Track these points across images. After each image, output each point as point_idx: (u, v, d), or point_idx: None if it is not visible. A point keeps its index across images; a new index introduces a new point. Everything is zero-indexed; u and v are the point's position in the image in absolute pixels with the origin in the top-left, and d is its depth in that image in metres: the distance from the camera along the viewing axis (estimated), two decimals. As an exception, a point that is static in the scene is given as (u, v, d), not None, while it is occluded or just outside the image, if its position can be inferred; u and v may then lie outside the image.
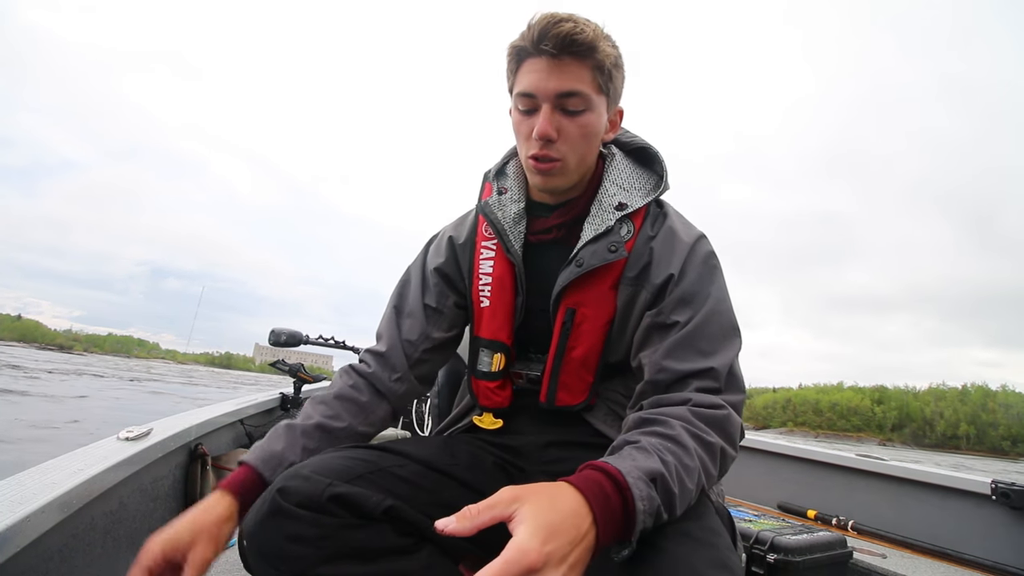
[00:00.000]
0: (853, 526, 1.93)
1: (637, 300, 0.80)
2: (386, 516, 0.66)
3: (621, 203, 0.82)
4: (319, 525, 0.62)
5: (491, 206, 0.86)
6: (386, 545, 0.66)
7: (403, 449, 0.77)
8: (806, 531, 1.40)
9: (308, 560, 0.61)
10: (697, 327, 0.75)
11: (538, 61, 0.74)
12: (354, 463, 0.70)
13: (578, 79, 0.74)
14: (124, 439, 1.19)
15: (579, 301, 0.81)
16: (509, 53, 0.78)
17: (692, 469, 0.62)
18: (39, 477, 0.88)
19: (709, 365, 0.72)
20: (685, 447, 0.63)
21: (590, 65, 0.74)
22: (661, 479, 0.57)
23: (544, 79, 0.74)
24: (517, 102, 0.79)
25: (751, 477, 2.40)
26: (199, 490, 1.51)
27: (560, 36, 0.71)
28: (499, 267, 0.87)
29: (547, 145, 0.76)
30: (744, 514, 1.62)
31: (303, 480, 0.64)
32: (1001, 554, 1.63)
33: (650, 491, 0.55)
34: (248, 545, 0.64)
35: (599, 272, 0.80)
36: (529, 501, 0.50)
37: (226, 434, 1.91)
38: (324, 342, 2.76)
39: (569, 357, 0.83)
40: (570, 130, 0.76)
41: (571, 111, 0.76)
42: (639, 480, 0.55)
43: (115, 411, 9.98)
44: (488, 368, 0.88)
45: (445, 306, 0.92)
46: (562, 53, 0.73)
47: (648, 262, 0.80)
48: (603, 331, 0.82)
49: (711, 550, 0.60)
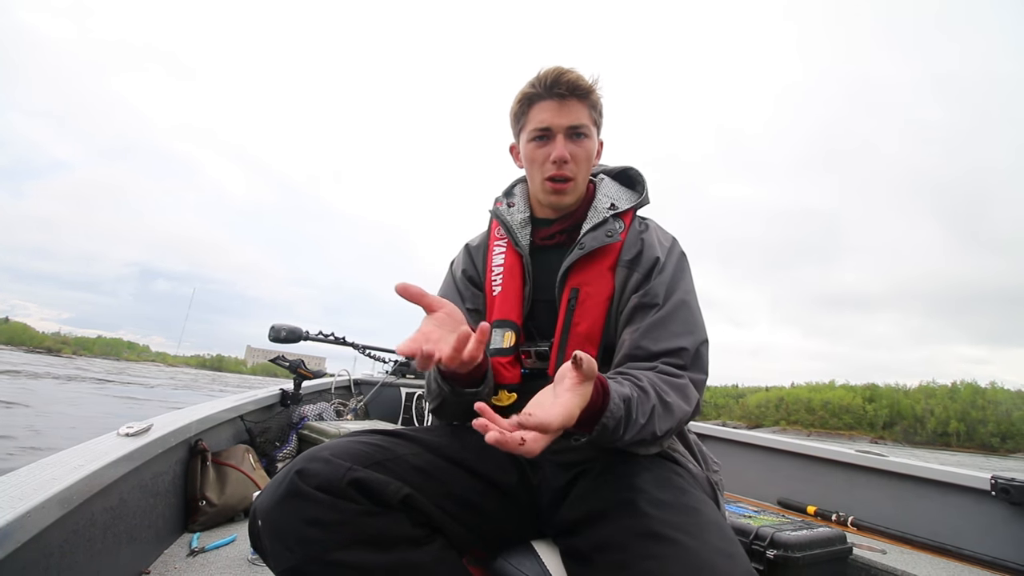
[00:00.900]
0: (853, 522, 1.94)
1: (630, 280, 0.93)
2: (403, 505, 0.67)
3: (613, 204, 1.00)
4: (338, 510, 0.63)
5: (501, 211, 1.05)
6: (401, 535, 0.67)
7: (416, 436, 0.80)
8: (806, 527, 1.40)
9: (324, 545, 0.62)
10: (671, 312, 0.89)
11: (550, 103, 0.95)
12: (371, 449, 0.71)
13: (581, 115, 0.96)
14: (124, 435, 1.19)
15: (582, 281, 0.94)
16: (520, 99, 0.98)
17: (647, 408, 0.75)
18: (39, 473, 0.88)
19: (680, 345, 0.86)
20: (645, 391, 0.77)
21: (587, 105, 0.96)
22: (627, 402, 0.72)
23: (557, 116, 0.95)
24: (532, 135, 0.97)
25: (751, 473, 2.41)
26: (199, 486, 1.52)
27: (568, 82, 0.93)
28: (509, 259, 1.01)
29: (563, 166, 0.95)
30: (744, 510, 1.62)
31: (323, 463, 0.65)
32: (1001, 550, 1.63)
33: (619, 405, 0.70)
34: (263, 525, 0.64)
35: (598, 254, 0.94)
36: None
37: (226, 430, 1.91)
38: (324, 338, 2.76)
39: (575, 332, 0.92)
40: (579, 153, 0.96)
41: (577, 138, 0.96)
42: (616, 396, 0.70)
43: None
44: (500, 344, 0.96)
45: (479, 305, 1.03)
46: (569, 95, 0.94)
47: (640, 250, 0.95)
48: (604, 307, 0.93)
49: (719, 543, 0.63)
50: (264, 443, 2.16)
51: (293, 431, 2.22)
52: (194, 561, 1.29)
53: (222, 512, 1.55)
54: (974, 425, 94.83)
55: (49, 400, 11.71)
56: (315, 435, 2.08)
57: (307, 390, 2.63)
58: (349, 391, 3.08)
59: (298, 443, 2.17)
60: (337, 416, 2.60)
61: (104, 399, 14.33)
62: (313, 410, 2.41)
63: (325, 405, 2.52)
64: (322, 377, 2.94)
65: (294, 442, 2.17)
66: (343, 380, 3.09)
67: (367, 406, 2.90)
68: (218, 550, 1.38)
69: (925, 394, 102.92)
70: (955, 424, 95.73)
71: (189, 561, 1.29)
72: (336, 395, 2.92)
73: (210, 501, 1.52)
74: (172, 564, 1.26)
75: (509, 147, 1.07)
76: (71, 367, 35.32)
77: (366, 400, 2.91)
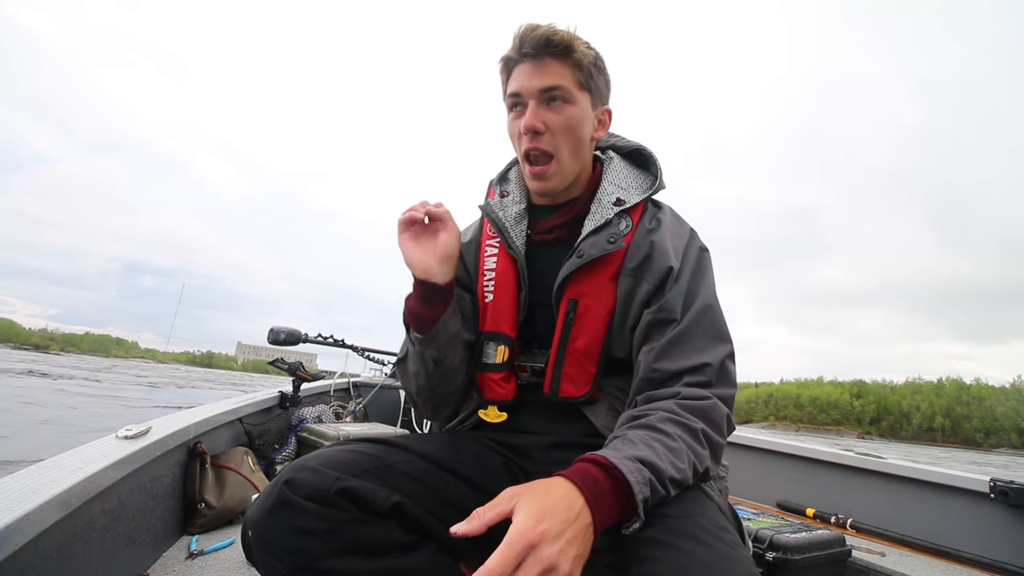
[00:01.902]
0: (852, 524, 1.94)
1: (637, 291, 0.83)
2: (393, 512, 0.67)
3: (619, 199, 0.87)
4: (326, 519, 0.62)
5: (492, 206, 0.92)
6: (391, 541, 0.66)
7: (408, 445, 0.78)
8: (805, 529, 1.40)
9: (314, 554, 0.61)
10: (691, 324, 0.79)
11: (523, 65, 0.83)
12: (360, 457, 0.70)
13: (559, 75, 0.82)
14: (123, 437, 1.19)
15: (581, 292, 0.85)
16: (500, 68, 0.87)
17: (678, 450, 0.66)
18: (38, 475, 0.88)
19: (702, 361, 0.77)
20: (666, 433, 0.68)
21: (569, 64, 0.82)
22: (647, 461, 0.62)
23: (527, 79, 0.82)
24: (507, 105, 0.87)
25: (750, 475, 2.41)
26: (198, 489, 1.51)
27: (537, 38, 0.80)
28: (502, 263, 0.91)
29: (536, 138, 0.83)
30: (743, 512, 1.62)
31: (311, 472, 0.64)
32: (1000, 552, 1.63)
33: (638, 466, 0.61)
34: (253, 536, 0.63)
35: (599, 263, 0.84)
36: (525, 494, 0.56)
37: (225, 432, 1.90)
38: (323, 340, 2.76)
39: (572, 347, 0.85)
40: (555, 122, 0.83)
41: (554, 103, 0.83)
42: (624, 460, 0.61)
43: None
44: (492, 360, 0.89)
45: (465, 308, 0.94)
46: (541, 54, 0.81)
47: (648, 254, 0.84)
48: (605, 321, 0.85)
49: (722, 546, 0.60)
50: (263, 445, 2.16)
51: (292, 433, 2.22)
52: (193, 564, 1.29)
53: (221, 515, 1.55)
54: (959, 421, 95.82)
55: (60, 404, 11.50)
56: (314, 437, 2.08)
57: (306, 392, 2.63)
58: (348, 393, 3.08)
59: (297, 445, 2.17)
60: (336, 418, 2.60)
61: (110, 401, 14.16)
62: (312, 412, 2.41)
63: (324, 407, 2.52)
64: (321, 379, 2.93)
65: (293, 444, 2.17)
66: (342, 382, 3.09)
67: (366, 408, 2.90)
68: (217, 553, 1.37)
69: (911, 390, 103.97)
70: (940, 420, 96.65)
71: (188, 564, 1.29)
72: (335, 397, 2.92)
73: (209, 504, 1.52)
74: (171, 567, 1.26)
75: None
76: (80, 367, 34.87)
77: (365, 402, 2.91)
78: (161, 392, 19.66)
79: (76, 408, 10.60)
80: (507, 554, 0.49)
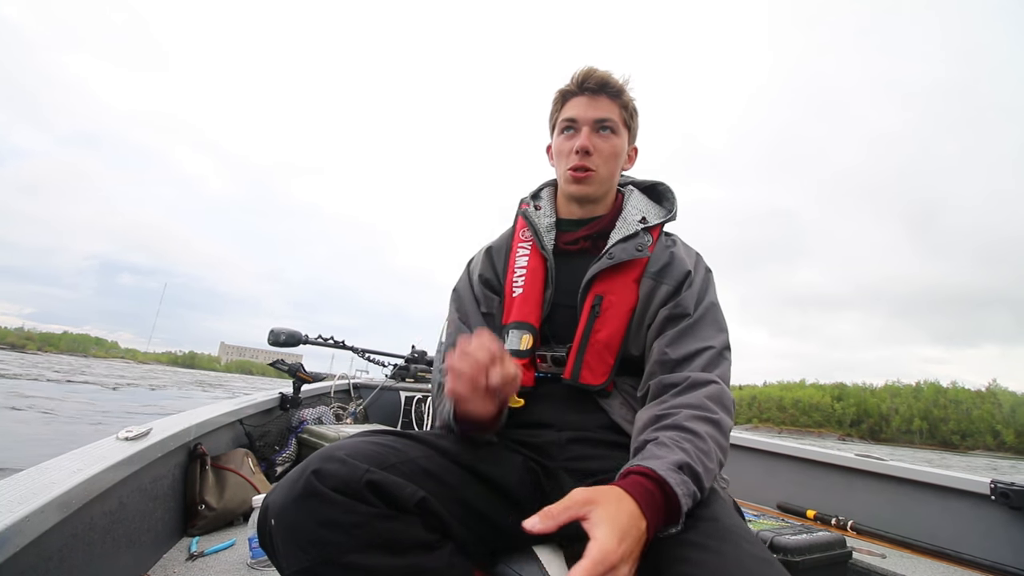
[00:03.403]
0: (852, 526, 1.94)
1: (657, 292, 0.93)
2: (418, 509, 0.66)
3: (644, 218, 1.00)
4: (354, 512, 0.62)
5: (529, 212, 1.05)
6: (414, 539, 0.66)
7: (430, 439, 0.78)
8: (805, 531, 1.40)
9: (339, 547, 0.60)
10: (701, 317, 0.90)
11: (580, 98, 0.99)
12: (385, 450, 0.70)
13: (610, 111, 0.99)
14: (123, 439, 1.19)
15: (606, 290, 0.94)
16: (555, 98, 1.03)
17: (708, 451, 0.71)
18: (38, 477, 0.88)
19: (707, 345, 0.87)
20: (696, 433, 0.73)
21: (618, 104, 0.99)
22: (687, 466, 0.66)
23: (584, 110, 0.98)
24: (561, 128, 1.01)
25: (750, 477, 2.41)
26: (198, 490, 1.51)
27: (598, 79, 0.98)
28: (533, 261, 1.01)
29: (584, 157, 0.97)
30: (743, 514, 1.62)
31: (340, 463, 0.64)
32: (1000, 554, 1.63)
33: (682, 476, 0.65)
34: (276, 525, 0.62)
35: (624, 267, 0.94)
36: (601, 504, 0.57)
37: (225, 434, 1.91)
38: (324, 342, 2.76)
39: (595, 339, 0.92)
40: (603, 147, 0.98)
41: (603, 131, 0.99)
42: (670, 471, 0.64)
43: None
44: (516, 346, 0.94)
45: (493, 308, 1.02)
46: (598, 92, 0.98)
47: (668, 262, 0.95)
48: (626, 317, 0.92)
49: (751, 547, 0.62)
50: (263, 447, 2.16)
51: (292, 435, 2.22)
52: (193, 565, 1.29)
53: (221, 516, 1.55)
54: (936, 423, 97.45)
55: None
56: (314, 439, 2.08)
57: (306, 394, 2.63)
58: (348, 395, 3.08)
59: (297, 447, 2.17)
60: (336, 420, 2.60)
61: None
62: (312, 414, 2.41)
63: (324, 409, 2.52)
64: (321, 381, 2.94)
65: (293, 446, 2.17)
66: (342, 384, 3.09)
67: (366, 410, 2.90)
68: (217, 554, 1.37)
69: (890, 393, 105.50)
70: (918, 422, 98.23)
71: (188, 565, 1.29)
72: (335, 399, 2.92)
73: (209, 505, 1.52)
74: (171, 568, 1.26)
75: (546, 148, 1.10)
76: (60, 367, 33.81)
77: (365, 404, 2.91)
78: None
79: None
80: (593, 572, 0.51)
